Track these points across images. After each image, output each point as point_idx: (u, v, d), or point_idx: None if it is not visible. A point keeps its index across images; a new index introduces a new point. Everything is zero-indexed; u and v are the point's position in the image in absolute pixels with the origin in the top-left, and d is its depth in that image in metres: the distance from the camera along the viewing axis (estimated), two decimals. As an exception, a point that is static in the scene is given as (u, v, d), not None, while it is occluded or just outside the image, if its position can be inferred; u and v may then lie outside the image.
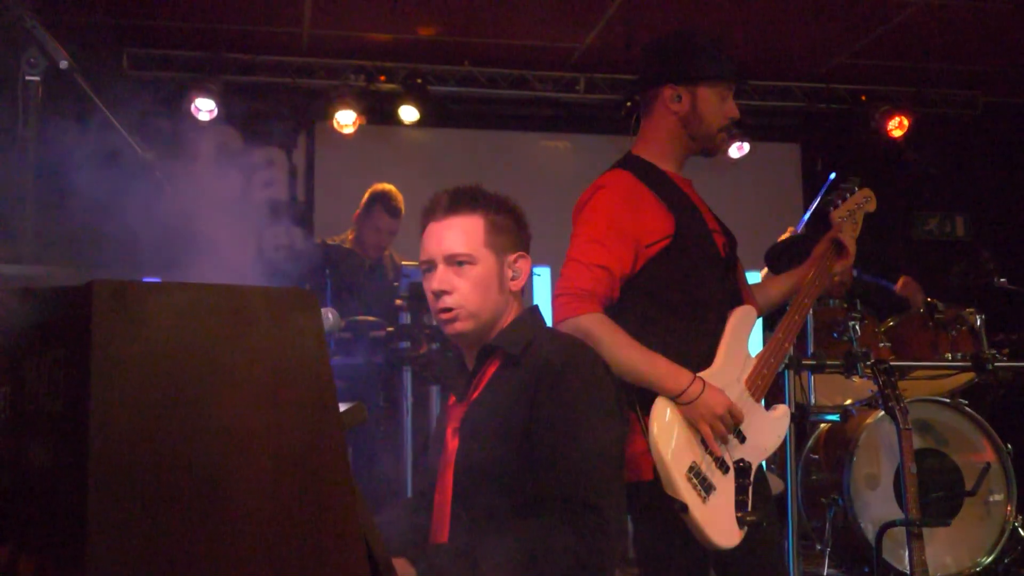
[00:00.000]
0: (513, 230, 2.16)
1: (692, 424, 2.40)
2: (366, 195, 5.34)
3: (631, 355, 2.36)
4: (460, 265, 2.10)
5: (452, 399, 2.22)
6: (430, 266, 2.14)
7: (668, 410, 2.39)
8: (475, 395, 2.12)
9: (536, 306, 2.25)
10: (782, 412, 2.65)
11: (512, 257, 2.15)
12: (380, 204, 5.26)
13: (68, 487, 1.11)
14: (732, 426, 2.43)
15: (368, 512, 1.27)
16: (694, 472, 2.37)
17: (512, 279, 2.15)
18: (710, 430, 2.40)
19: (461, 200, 2.14)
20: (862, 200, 2.93)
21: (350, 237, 5.39)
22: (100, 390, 1.08)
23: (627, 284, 2.50)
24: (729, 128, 2.65)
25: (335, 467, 1.20)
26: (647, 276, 2.50)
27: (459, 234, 2.11)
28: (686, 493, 2.34)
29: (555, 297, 2.45)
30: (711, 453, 2.42)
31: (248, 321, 1.17)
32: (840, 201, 2.90)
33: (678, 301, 2.50)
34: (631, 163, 2.64)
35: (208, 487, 1.12)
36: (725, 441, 2.44)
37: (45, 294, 1.26)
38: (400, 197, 5.27)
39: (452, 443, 2.11)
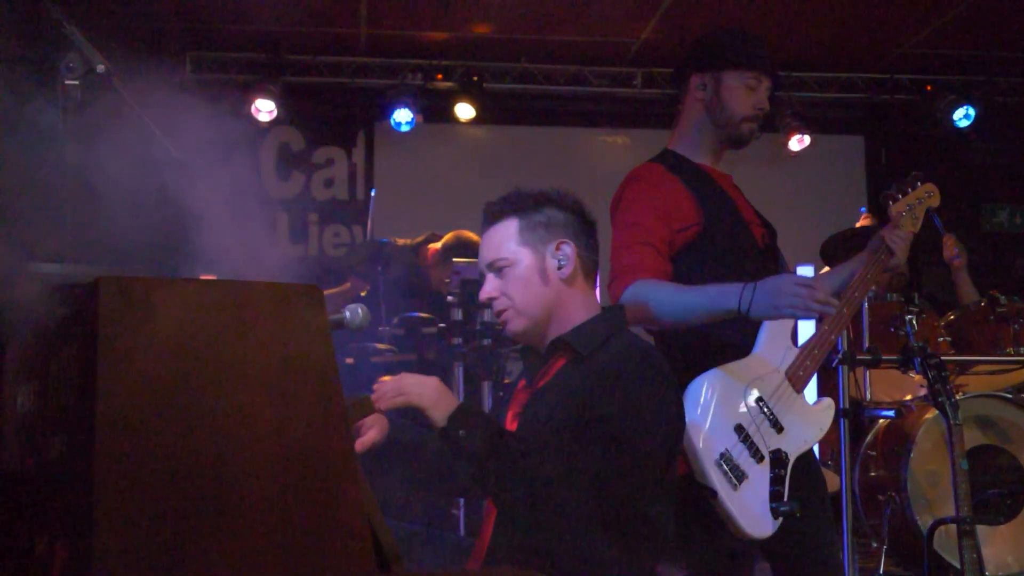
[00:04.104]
0: (552, 222, 2.19)
1: (730, 406, 2.40)
2: (448, 238, 5.25)
3: (683, 296, 2.40)
4: (501, 270, 2.19)
5: (522, 382, 2.28)
6: (482, 279, 2.23)
7: (702, 397, 2.39)
8: (540, 384, 2.17)
9: (620, 306, 2.30)
10: (826, 404, 2.62)
11: (553, 247, 2.18)
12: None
13: (78, 477, 1.14)
14: (811, 287, 2.31)
15: (376, 504, 1.29)
16: (725, 459, 2.37)
17: (559, 268, 2.17)
18: (801, 310, 2.31)
19: (494, 209, 2.23)
20: (924, 195, 2.81)
21: (427, 251, 5.32)
22: (107, 383, 1.11)
23: None
24: (757, 119, 2.64)
25: (341, 460, 1.22)
26: (679, 265, 2.53)
27: (494, 242, 2.21)
28: (716, 480, 2.34)
29: (607, 286, 2.51)
30: (745, 442, 2.41)
31: (253, 316, 1.19)
32: (901, 195, 2.79)
33: None
34: (662, 156, 2.69)
35: (212, 479, 1.14)
36: (828, 307, 2.32)
37: (64, 292, 1.30)
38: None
39: (511, 427, 2.16)
